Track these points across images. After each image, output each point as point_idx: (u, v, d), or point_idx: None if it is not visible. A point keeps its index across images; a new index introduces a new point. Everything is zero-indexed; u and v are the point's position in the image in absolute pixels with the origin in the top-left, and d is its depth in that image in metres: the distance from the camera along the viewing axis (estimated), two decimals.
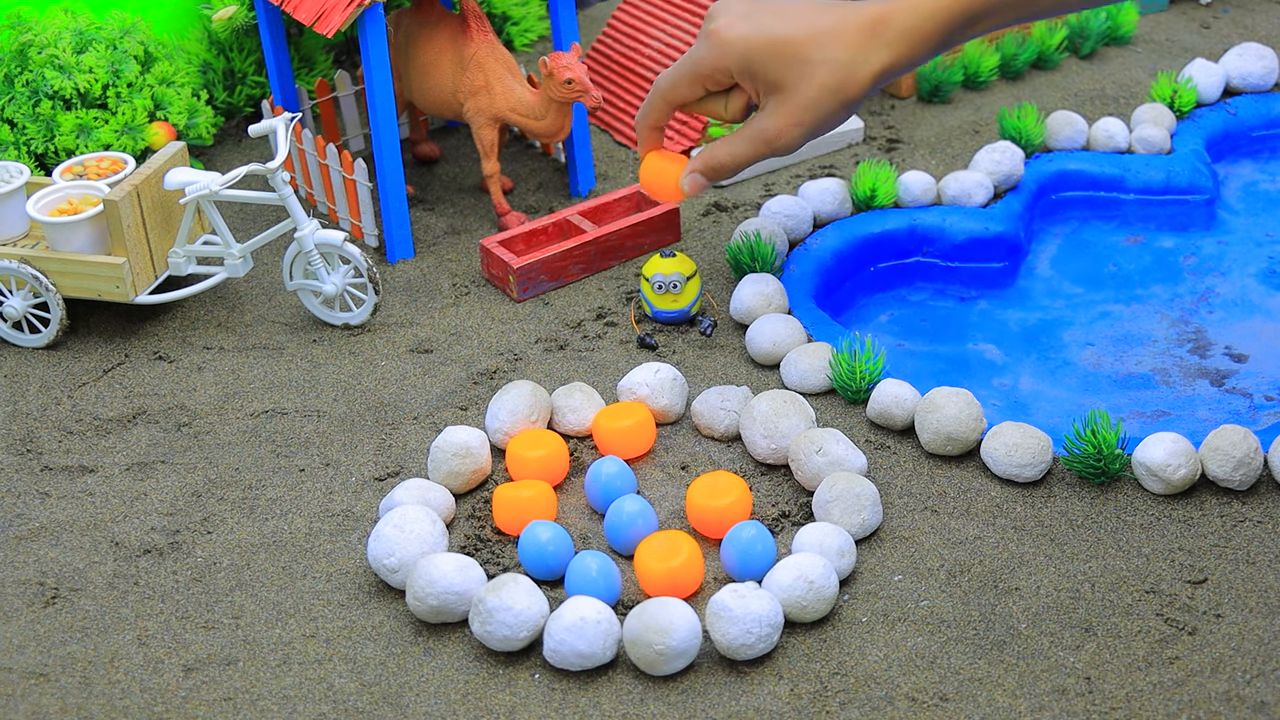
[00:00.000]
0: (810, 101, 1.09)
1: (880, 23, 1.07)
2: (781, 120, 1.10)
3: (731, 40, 1.09)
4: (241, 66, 1.59)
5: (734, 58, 1.09)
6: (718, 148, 1.15)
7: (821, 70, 1.07)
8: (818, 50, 1.07)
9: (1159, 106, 1.52)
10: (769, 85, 1.10)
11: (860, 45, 1.07)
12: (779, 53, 1.08)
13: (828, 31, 1.07)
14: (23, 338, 1.31)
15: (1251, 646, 0.96)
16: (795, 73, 1.08)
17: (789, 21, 1.08)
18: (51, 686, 0.99)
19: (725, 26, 1.10)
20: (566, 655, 0.96)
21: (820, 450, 1.09)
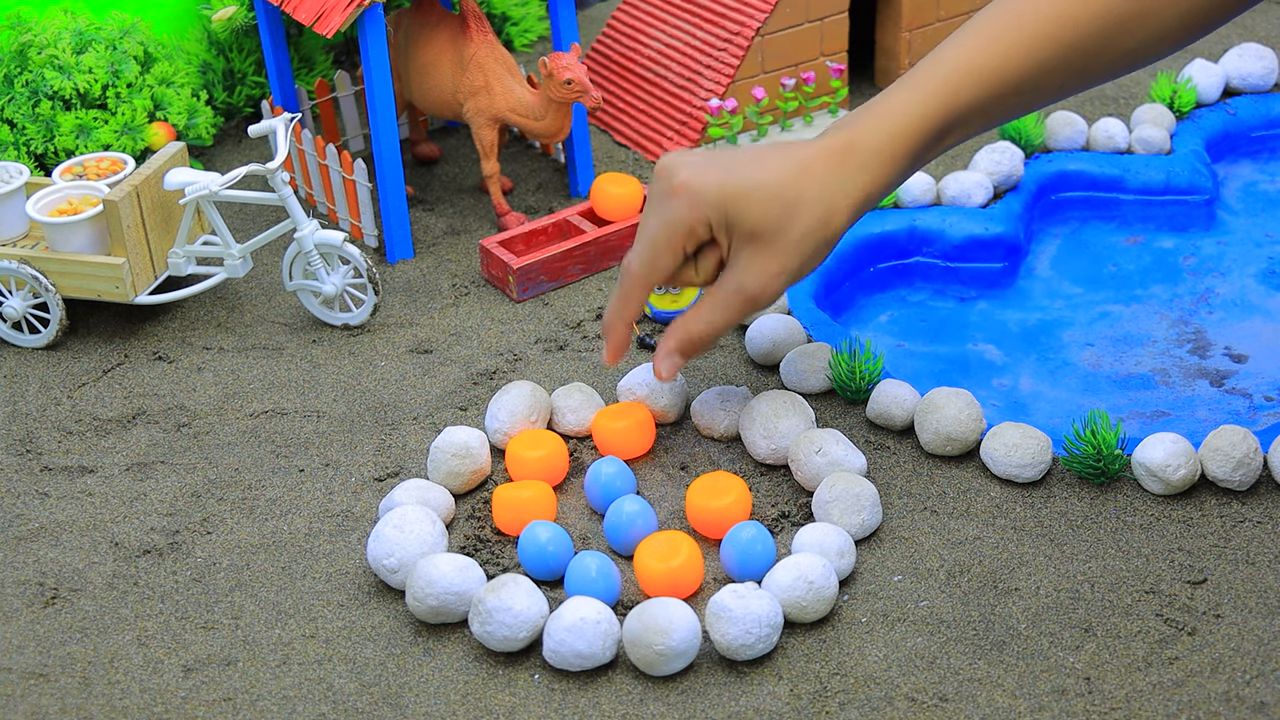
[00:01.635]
0: (794, 245, 1.01)
1: (849, 149, 1.02)
2: (763, 271, 1.02)
3: (705, 189, 1.01)
4: (241, 67, 1.59)
5: (712, 207, 1.01)
6: (692, 321, 1.06)
7: (802, 210, 1.00)
8: (794, 190, 1.00)
9: (1158, 107, 1.52)
10: (746, 235, 1.01)
11: (835, 175, 1.01)
12: (756, 198, 1.00)
13: (799, 169, 1.01)
14: (22, 338, 1.31)
15: (1251, 647, 0.96)
16: (775, 216, 1.00)
17: (755, 166, 1.02)
18: (51, 687, 0.99)
19: (692, 177, 1.01)
20: (566, 655, 0.96)
21: (820, 450, 1.09)
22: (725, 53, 1.50)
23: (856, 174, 1.02)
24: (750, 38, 1.49)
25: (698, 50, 1.53)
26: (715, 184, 1.01)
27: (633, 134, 1.55)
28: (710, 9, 1.53)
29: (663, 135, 1.52)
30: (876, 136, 1.02)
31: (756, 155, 1.03)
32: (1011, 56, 1.02)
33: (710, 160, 1.03)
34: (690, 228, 1.02)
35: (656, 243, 1.03)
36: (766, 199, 1.00)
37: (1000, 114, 1.05)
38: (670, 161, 1.04)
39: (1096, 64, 1.04)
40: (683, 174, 1.02)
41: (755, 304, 1.04)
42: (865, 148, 1.02)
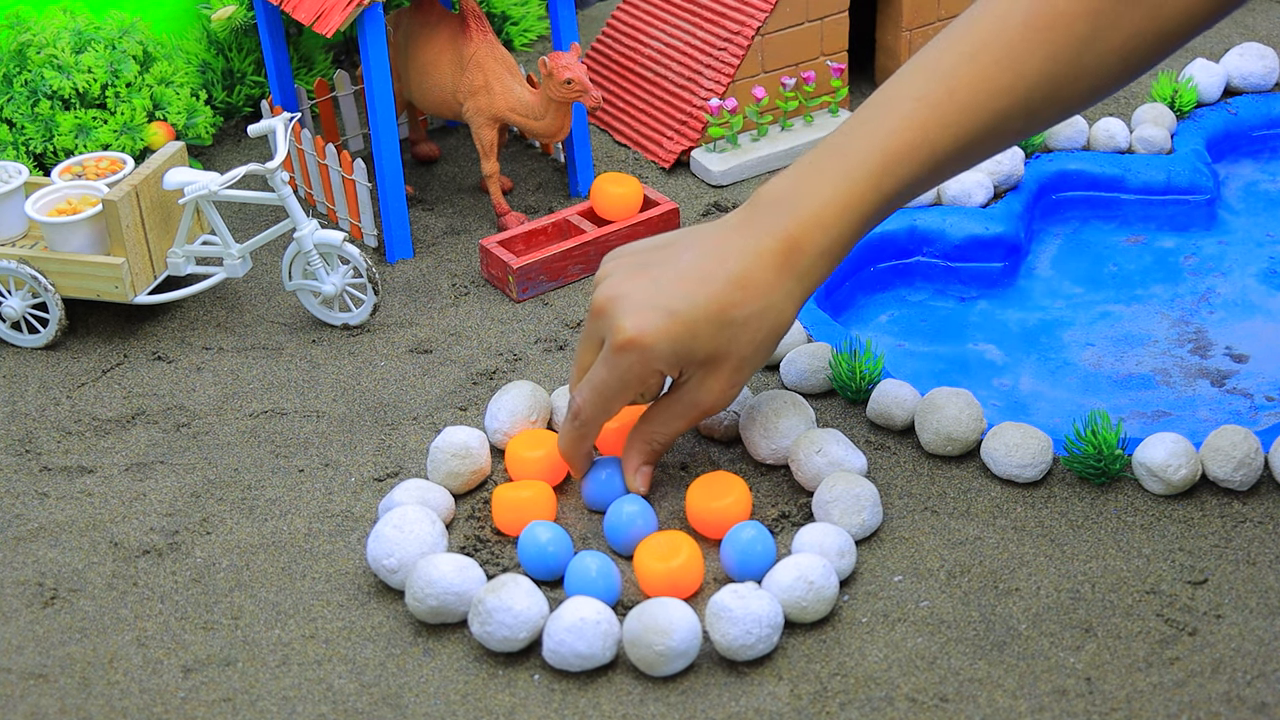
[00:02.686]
0: (743, 361, 1.02)
1: (793, 252, 1.00)
2: (717, 387, 1.03)
3: (653, 342, 0.99)
4: (240, 66, 1.59)
5: (662, 358, 1.00)
6: (651, 432, 1.07)
7: (749, 328, 1.00)
8: (739, 309, 0.99)
9: (1159, 106, 1.51)
10: (698, 362, 1.01)
11: (779, 284, 1.00)
12: (702, 331, 0.99)
13: (740, 282, 0.99)
14: (21, 338, 1.31)
15: (1252, 647, 0.96)
16: (725, 340, 1.00)
17: (695, 289, 0.99)
18: (50, 687, 0.99)
19: (638, 329, 0.99)
20: (566, 656, 0.96)
21: (820, 450, 1.09)
22: (725, 52, 1.50)
23: (801, 277, 1.01)
24: (750, 37, 1.49)
25: (698, 50, 1.53)
26: (662, 333, 0.99)
27: (633, 134, 1.55)
28: (710, 9, 1.53)
29: (663, 135, 1.52)
30: (821, 235, 1.00)
31: (694, 271, 1.00)
32: (946, 130, 0.99)
33: (649, 295, 1.00)
34: (641, 380, 1.02)
35: (607, 394, 1.03)
36: (714, 328, 1.00)
37: (938, 181, 1.03)
38: (608, 302, 1.01)
39: (1033, 125, 1.02)
40: (628, 326, 0.99)
41: (712, 413, 1.05)
42: (807, 251, 1.00)
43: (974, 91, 0.99)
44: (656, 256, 1.03)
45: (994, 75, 0.99)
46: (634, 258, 1.03)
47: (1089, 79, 1.00)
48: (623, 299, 1.00)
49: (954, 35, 1.01)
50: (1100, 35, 0.98)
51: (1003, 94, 0.99)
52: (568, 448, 1.08)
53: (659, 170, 1.51)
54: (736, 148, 1.50)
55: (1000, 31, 0.99)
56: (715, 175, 1.48)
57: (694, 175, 1.50)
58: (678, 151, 1.50)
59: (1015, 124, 1.01)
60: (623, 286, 1.01)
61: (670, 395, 1.05)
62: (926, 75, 1.00)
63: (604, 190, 1.38)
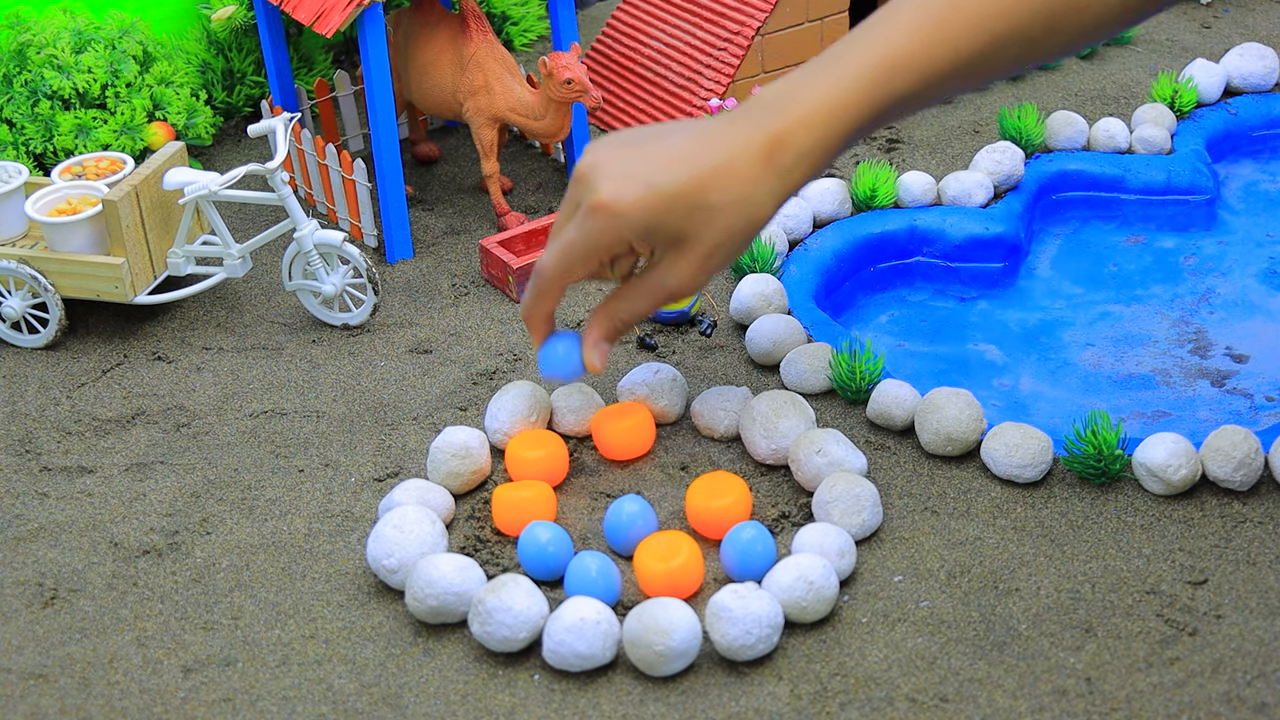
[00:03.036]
0: (715, 247, 1.00)
1: (777, 148, 0.98)
2: (684, 271, 1.01)
3: (625, 209, 0.99)
4: (240, 66, 1.59)
5: (632, 227, 0.99)
6: (616, 308, 1.06)
7: (724, 215, 0.99)
8: (717, 193, 0.98)
9: (1159, 106, 1.51)
10: (669, 239, 1.00)
11: (760, 178, 0.99)
12: (678, 206, 0.98)
13: (723, 170, 0.98)
14: (21, 338, 1.31)
15: (1252, 647, 0.96)
16: (696, 222, 0.99)
17: (677, 165, 0.99)
18: (50, 687, 0.99)
19: (613, 195, 0.99)
20: (566, 656, 0.96)
21: (820, 450, 1.09)
22: (725, 52, 1.50)
23: (784, 175, 0.99)
24: (750, 37, 1.49)
25: (698, 50, 1.53)
26: (636, 203, 0.99)
27: None
28: (710, 9, 1.53)
29: None
30: (807, 135, 0.99)
31: (680, 150, 1.00)
32: (946, 44, 0.99)
33: (631, 166, 1.00)
34: (608, 247, 1.01)
35: (572, 255, 1.02)
36: (689, 206, 0.99)
37: (934, 99, 1.03)
38: (590, 168, 1.01)
39: (1031, 53, 1.02)
40: (603, 190, 0.99)
41: (677, 297, 1.04)
42: (793, 148, 0.99)
43: (976, 9, 0.99)
44: (644, 138, 1.02)
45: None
46: (625, 134, 1.03)
47: (1090, 13, 1.01)
48: (603, 166, 1.00)
49: None
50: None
51: (1004, 15, 0.99)
52: (527, 306, 1.07)
53: None
54: None
55: None
56: None
57: None
58: None
59: (1012, 50, 1.01)
60: (606, 157, 1.01)
61: (639, 275, 1.04)
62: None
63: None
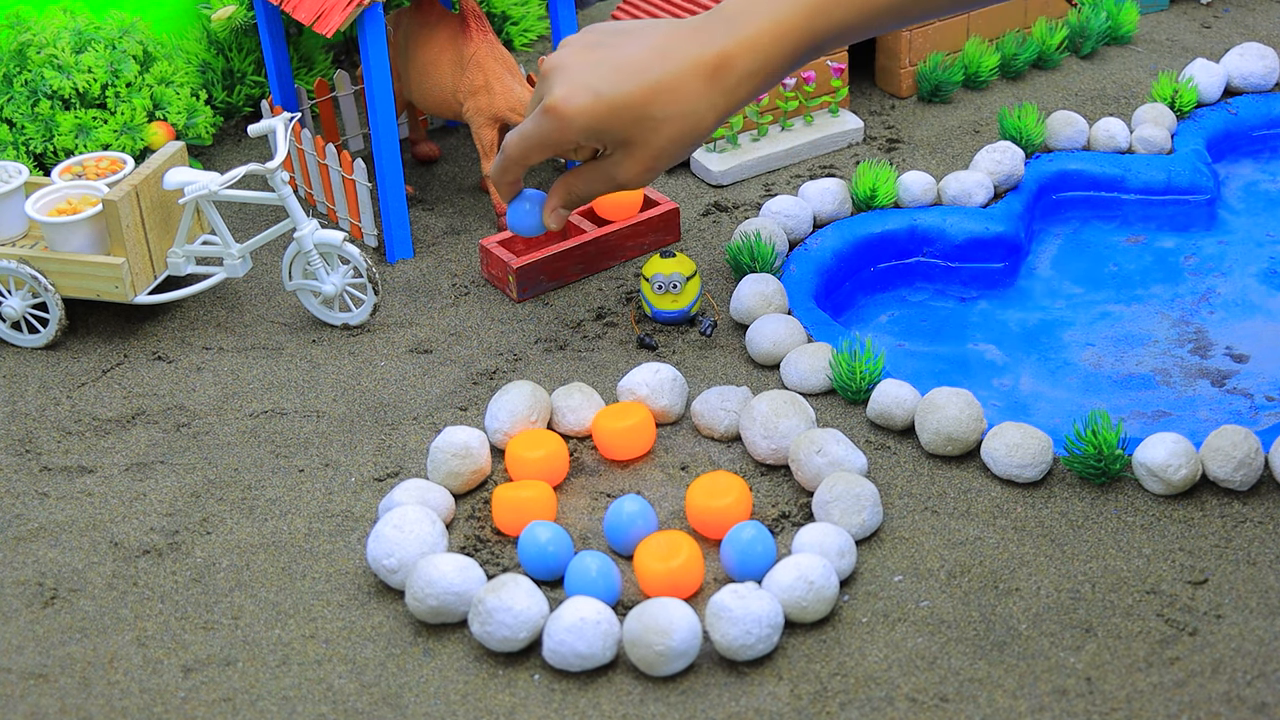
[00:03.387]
0: (658, 152, 1.09)
1: (721, 68, 1.06)
2: (631, 168, 1.10)
3: (574, 114, 1.07)
4: (241, 66, 1.59)
5: (579, 130, 1.08)
6: (574, 183, 1.15)
7: (667, 126, 1.07)
8: (660, 107, 1.07)
9: (1160, 106, 1.51)
10: (616, 142, 1.09)
11: (703, 95, 1.06)
12: (623, 115, 1.07)
13: (669, 85, 1.06)
14: (21, 338, 1.31)
15: (1252, 647, 0.96)
16: (641, 130, 1.07)
17: (628, 78, 1.07)
18: (50, 687, 0.99)
19: (564, 99, 1.07)
20: (566, 656, 0.96)
21: (820, 450, 1.09)
22: None
23: (726, 94, 1.07)
24: None
25: None
26: (584, 110, 1.07)
27: None
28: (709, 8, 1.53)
29: None
30: (750, 59, 1.06)
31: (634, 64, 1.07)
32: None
33: (587, 72, 1.07)
34: (558, 144, 1.10)
35: (528, 144, 1.11)
36: (634, 116, 1.07)
37: (873, 30, 1.08)
38: (552, 67, 1.09)
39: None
40: (557, 93, 1.07)
41: (625, 188, 1.12)
42: (737, 69, 1.06)
43: None
44: (610, 40, 1.10)
45: None
46: (592, 36, 1.10)
47: None
48: (563, 69, 1.09)
49: None
50: None
51: None
52: (495, 173, 1.16)
53: None
54: (736, 148, 1.50)
55: None
56: (715, 175, 1.48)
57: (694, 175, 1.50)
58: None
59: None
60: (570, 59, 1.09)
61: (596, 160, 1.13)
62: None
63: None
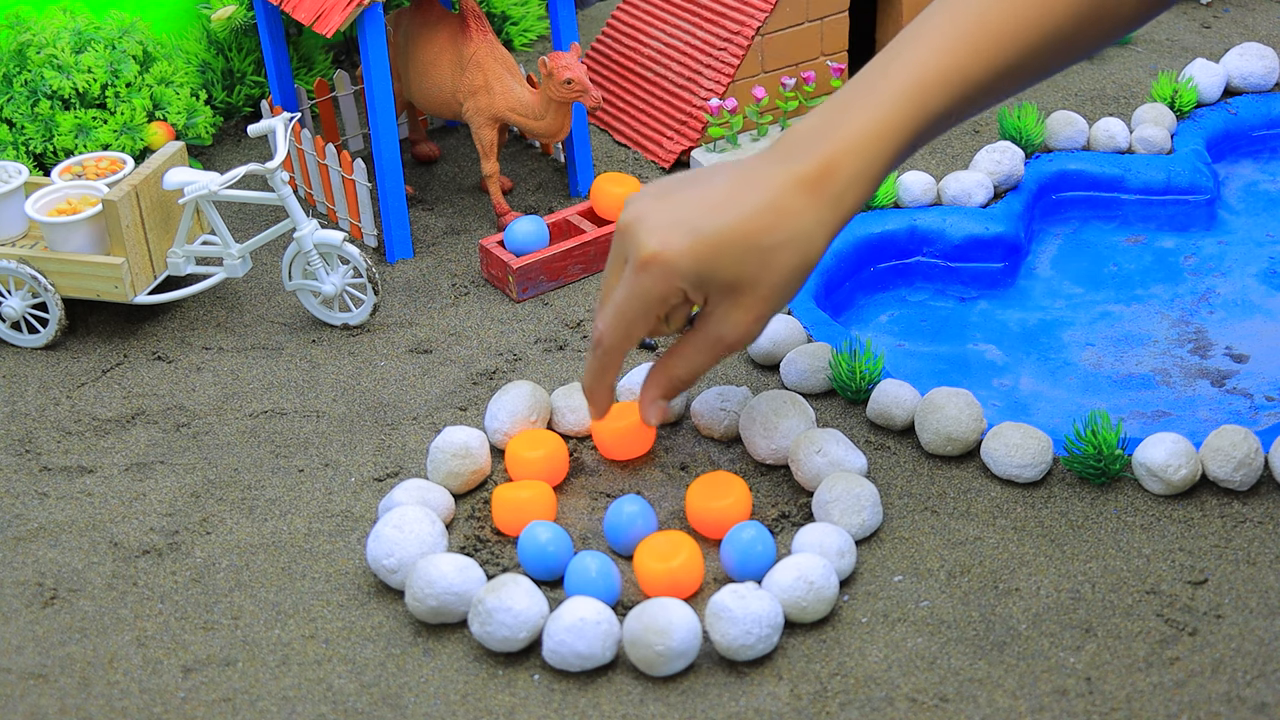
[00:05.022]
0: (772, 291, 0.98)
1: (825, 177, 0.97)
2: (741, 319, 0.99)
3: (676, 260, 0.96)
4: (240, 66, 1.59)
5: (685, 276, 0.97)
6: (673, 365, 1.03)
7: (779, 255, 0.97)
8: (769, 235, 0.96)
9: (1159, 106, 1.51)
10: (723, 287, 0.98)
11: (811, 210, 0.97)
12: (729, 251, 0.96)
13: (773, 208, 0.96)
14: (21, 338, 1.31)
15: (1252, 647, 0.96)
16: (752, 266, 0.97)
17: (725, 211, 0.97)
18: (50, 687, 0.99)
19: (662, 245, 0.96)
20: (566, 656, 0.96)
21: (820, 450, 1.09)
22: (725, 52, 1.50)
23: (834, 204, 0.98)
24: (750, 37, 1.49)
25: (698, 50, 1.53)
26: (686, 251, 0.97)
27: (633, 134, 1.55)
28: (710, 9, 1.53)
29: (663, 135, 1.52)
30: (853, 162, 0.97)
31: (724, 194, 0.98)
32: (979, 59, 0.99)
33: (675, 214, 0.98)
34: (663, 299, 0.99)
35: (628, 316, 1.00)
36: (740, 251, 0.97)
37: (969, 114, 1.03)
38: (634, 221, 0.99)
39: (1060, 60, 1.03)
40: (651, 243, 0.97)
41: (735, 349, 1.02)
42: (841, 176, 0.97)
43: (1004, 22, 0.99)
44: (686, 182, 1.01)
45: (1024, 8, 1.00)
46: (663, 184, 1.01)
47: (1109, 18, 1.02)
48: (647, 218, 0.98)
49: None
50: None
51: (1032, 27, 1.00)
52: (589, 380, 1.04)
53: (659, 170, 1.51)
54: (736, 148, 1.50)
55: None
56: None
57: None
58: (678, 151, 1.50)
59: (1041, 59, 1.01)
60: (649, 208, 0.99)
61: (693, 329, 1.02)
62: (955, 9, 1.01)
63: (604, 190, 1.38)
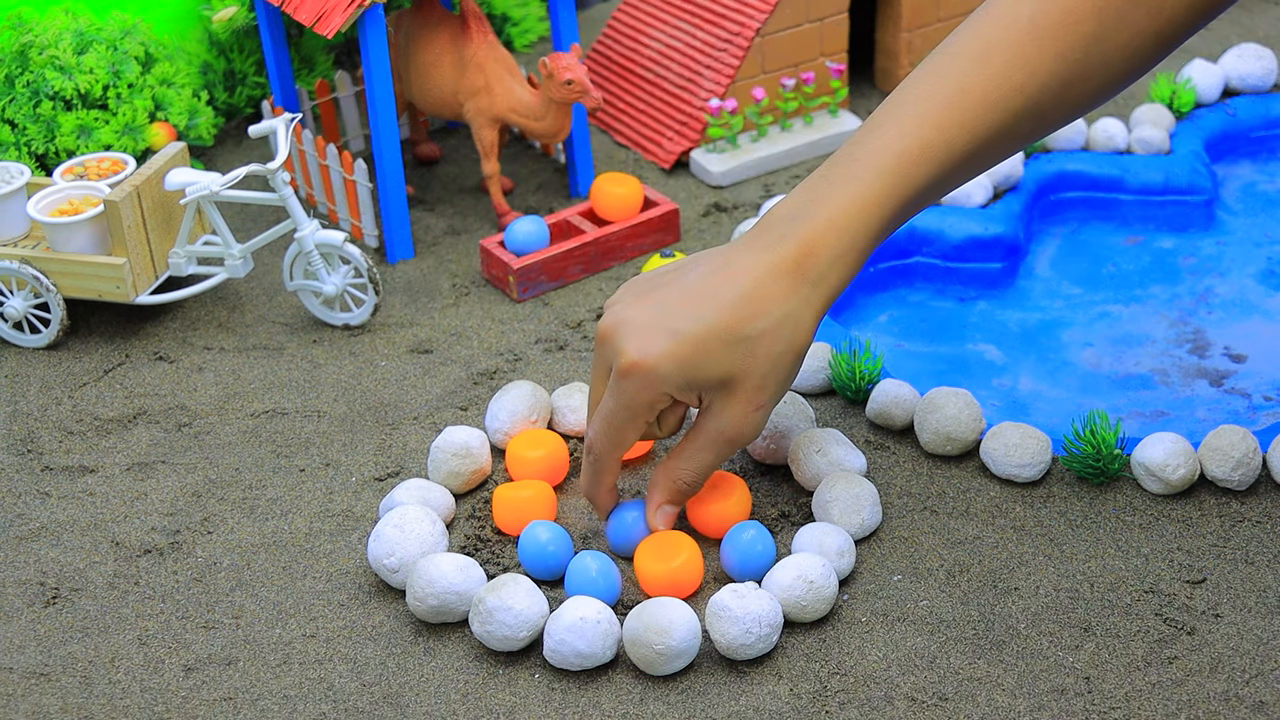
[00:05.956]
0: (764, 380, 0.96)
1: (807, 257, 0.95)
2: (739, 412, 0.97)
3: (657, 364, 0.95)
4: (242, 67, 1.60)
5: (668, 381, 0.96)
6: (676, 468, 1.01)
7: (765, 343, 0.95)
8: (752, 324, 0.95)
9: (1158, 107, 1.52)
10: (713, 384, 0.96)
11: (794, 293, 0.95)
12: (713, 347, 0.95)
13: (753, 296, 0.95)
14: (23, 338, 1.31)
15: (1250, 646, 0.97)
16: (739, 358, 0.95)
17: (704, 306, 0.95)
18: (52, 686, 0.99)
19: (641, 352, 0.95)
20: (566, 655, 0.97)
21: (820, 451, 1.09)
22: (725, 53, 1.50)
23: (817, 284, 0.97)
24: (750, 38, 1.49)
25: (698, 50, 1.53)
26: (667, 354, 0.95)
27: (633, 134, 1.55)
28: (710, 9, 1.53)
29: (663, 135, 1.52)
30: (835, 241, 0.96)
31: (702, 289, 0.96)
32: (962, 129, 0.98)
33: (653, 316, 0.96)
34: (649, 405, 0.98)
35: (616, 423, 0.99)
36: (725, 344, 0.95)
37: (955, 185, 1.01)
38: (612, 328, 0.98)
39: (1041, 127, 1.01)
40: (629, 350, 0.96)
41: (739, 444, 1.00)
42: (823, 256, 0.96)
43: (986, 91, 0.98)
44: (663, 279, 0.99)
45: (1005, 75, 0.98)
46: (640, 283, 1.01)
47: (1096, 78, 1.00)
48: (626, 324, 0.97)
49: (961, 39, 1.01)
50: (1106, 34, 0.99)
51: (1015, 93, 0.98)
52: (586, 487, 1.04)
53: (659, 171, 1.51)
54: (736, 148, 1.50)
55: (1009, 32, 0.99)
56: (715, 176, 1.48)
57: (694, 176, 1.50)
58: (678, 152, 1.51)
59: (1026, 125, 1.00)
60: (627, 312, 0.98)
61: (693, 427, 1.01)
62: (937, 78, 0.99)
63: (604, 191, 1.38)
